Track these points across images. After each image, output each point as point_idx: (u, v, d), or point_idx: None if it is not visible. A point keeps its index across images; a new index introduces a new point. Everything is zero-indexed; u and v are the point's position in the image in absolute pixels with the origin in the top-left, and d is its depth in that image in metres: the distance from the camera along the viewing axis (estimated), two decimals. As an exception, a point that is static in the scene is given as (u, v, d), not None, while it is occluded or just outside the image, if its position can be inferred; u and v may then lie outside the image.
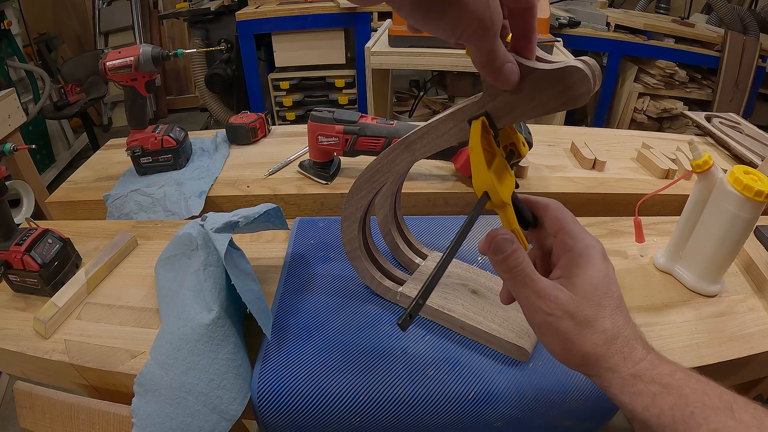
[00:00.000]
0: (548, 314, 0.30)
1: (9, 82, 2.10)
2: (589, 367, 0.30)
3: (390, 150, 0.42)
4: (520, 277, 0.31)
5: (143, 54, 0.76)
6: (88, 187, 0.83)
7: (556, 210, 0.36)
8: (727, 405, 0.27)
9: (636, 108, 2.16)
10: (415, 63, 1.30)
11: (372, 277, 0.53)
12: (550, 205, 0.36)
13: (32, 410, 0.49)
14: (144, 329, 0.51)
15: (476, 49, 0.27)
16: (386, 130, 0.74)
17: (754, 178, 0.48)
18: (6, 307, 0.56)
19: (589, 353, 0.30)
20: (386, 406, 0.44)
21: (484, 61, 0.28)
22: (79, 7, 2.89)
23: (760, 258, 0.60)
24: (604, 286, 0.31)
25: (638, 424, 0.29)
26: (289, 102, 2.23)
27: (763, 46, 2.07)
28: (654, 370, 0.29)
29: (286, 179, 0.82)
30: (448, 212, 0.78)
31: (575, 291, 0.31)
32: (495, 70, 0.29)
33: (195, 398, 0.43)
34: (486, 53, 0.27)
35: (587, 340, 0.30)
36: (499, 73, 0.29)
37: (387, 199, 0.53)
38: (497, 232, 0.32)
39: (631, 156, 0.91)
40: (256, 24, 2.03)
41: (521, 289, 0.32)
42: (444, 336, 0.50)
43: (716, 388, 0.28)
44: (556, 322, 0.30)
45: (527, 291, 0.31)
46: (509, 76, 0.29)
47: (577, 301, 0.30)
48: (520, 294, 0.32)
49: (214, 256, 0.48)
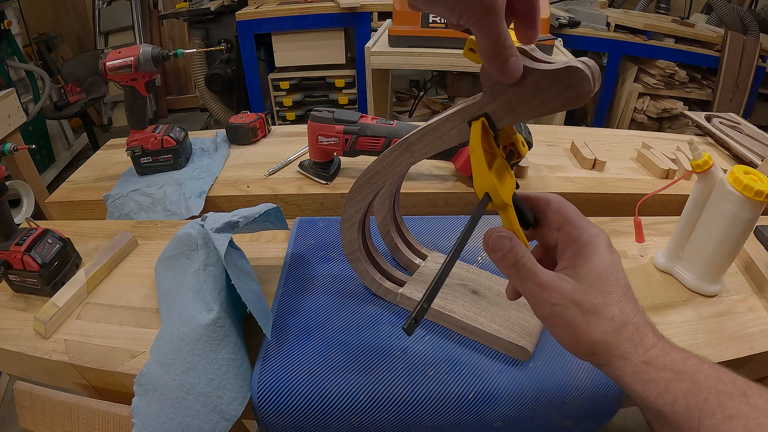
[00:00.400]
0: (554, 304, 0.30)
1: (9, 82, 2.10)
2: (599, 356, 0.30)
3: (389, 152, 0.42)
4: (522, 271, 0.31)
5: (143, 54, 0.76)
6: (88, 187, 0.83)
7: (558, 204, 0.36)
8: (741, 391, 0.26)
9: (636, 108, 2.16)
10: (415, 63, 1.30)
11: (372, 279, 0.53)
12: (552, 199, 0.36)
13: (32, 410, 0.49)
14: (144, 329, 0.51)
15: (480, 32, 0.27)
16: (386, 130, 0.74)
17: (754, 178, 0.48)
18: (6, 307, 0.56)
19: (598, 341, 0.29)
20: (386, 406, 0.44)
21: (490, 51, 0.28)
22: (79, 7, 2.89)
23: (760, 258, 0.60)
24: (610, 274, 0.31)
25: (651, 413, 0.29)
26: (289, 102, 2.23)
27: (763, 46, 2.07)
28: (666, 357, 0.28)
29: (286, 179, 0.82)
30: (448, 212, 0.78)
31: (580, 280, 0.31)
32: (501, 62, 0.28)
33: (195, 398, 0.43)
34: (492, 38, 0.27)
35: (596, 328, 0.29)
36: (505, 66, 0.29)
37: (386, 201, 0.53)
38: (494, 231, 0.32)
39: (631, 156, 0.91)
40: (256, 24, 2.03)
41: (525, 283, 0.31)
42: (444, 336, 0.50)
43: (729, 374, 0.27)
44: (562, 312, 0.30)
45: (530, 284, 0.31)
46: (513, 70, 0.29)
47: (582, 290, 0.30)
48: (525, 288, 0.32)
49: (214, 256, 0.48)
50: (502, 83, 0.32)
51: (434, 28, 1.26)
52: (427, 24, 1.26)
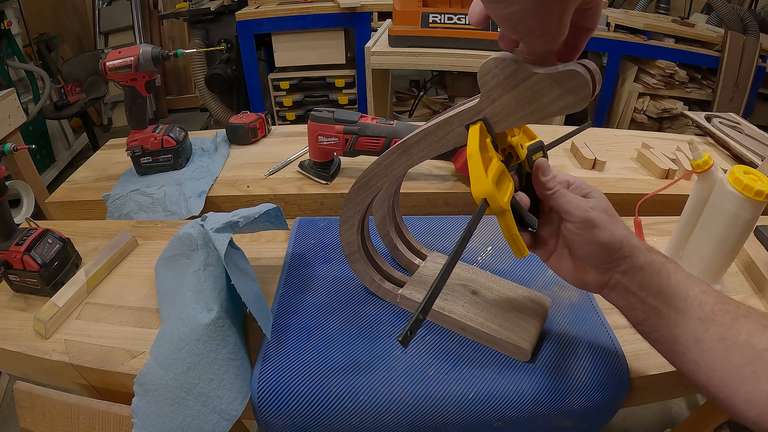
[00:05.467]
0: (590, 209, 0.38)
1: (9, 82, 2.10)
2: (624, 249, 0.38)
3: (387, 154, 0.42)
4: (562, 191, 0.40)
5: (143, 54, 0.76)
6: (88, 187, 0.83)
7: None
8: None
9: (636, 108, 2.15)
10: (415, 63, 1.30)
11: (372, 280, 0.53)
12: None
13: (32, 410, 0.49)
14: (144, 329, 0.51)
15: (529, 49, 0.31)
16: (386, 130, 0.74)
17: (754, 178, 0.48)
18: (6, 307, 0.56)
19: (625, 236, 0.38)
20: (386, 406, 0.44)
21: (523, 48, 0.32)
22: (79, 7, 2.89)
23: (760, 258, 0.60)
24: (608, 206, 0.40)
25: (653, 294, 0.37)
26: (289, 102, 2.22)
27: (763, 46, 2.06)
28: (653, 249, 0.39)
29: (286, 179, 0.82)
30: (448, 212, 0.78)
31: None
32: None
33: (195, 398, 0.43)
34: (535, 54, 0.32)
35: (621, 228, 0.38)
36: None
37: (384, 202, 0.53)
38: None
39: (631, 156, 0.91)
40: (256, 24, 2.03)
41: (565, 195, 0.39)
42: (444, 336, 0.50)
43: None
44: (596, 215, 0.38)
45: (570, 196, 0.39)
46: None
47: (602, 203, 0.40)
48: (560, 203, 0.39)
49: (214, 256, 0.48)
50: (500, 88, 0.32)
51: (434, 28, 1.25)
52: (427, 24, 1.26)
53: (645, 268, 0.38)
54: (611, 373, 0.46)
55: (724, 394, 0.34)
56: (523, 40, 0.31)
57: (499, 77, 0.33)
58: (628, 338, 0.50)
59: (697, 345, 0.35)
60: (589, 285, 0.41)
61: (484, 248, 0.63)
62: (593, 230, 0.38)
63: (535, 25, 0.28)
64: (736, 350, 0.33)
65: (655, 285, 0.37)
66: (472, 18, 0.33)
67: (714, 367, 0.34)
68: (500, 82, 0.33)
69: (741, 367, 0.33)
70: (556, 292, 0.55)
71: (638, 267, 0.38)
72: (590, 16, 0.32)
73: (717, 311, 0.35)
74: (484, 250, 0.62)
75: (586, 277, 0.41)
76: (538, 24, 0.28)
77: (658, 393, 0.50)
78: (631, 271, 0.38)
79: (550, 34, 0.29)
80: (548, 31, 0.29)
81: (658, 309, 0.37)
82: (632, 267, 0.38)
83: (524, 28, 0.29)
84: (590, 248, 0.39)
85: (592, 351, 0.48)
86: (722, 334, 0.34)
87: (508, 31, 0.30)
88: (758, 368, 0.32)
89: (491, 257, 0.61)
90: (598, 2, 0.31)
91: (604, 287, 0.40)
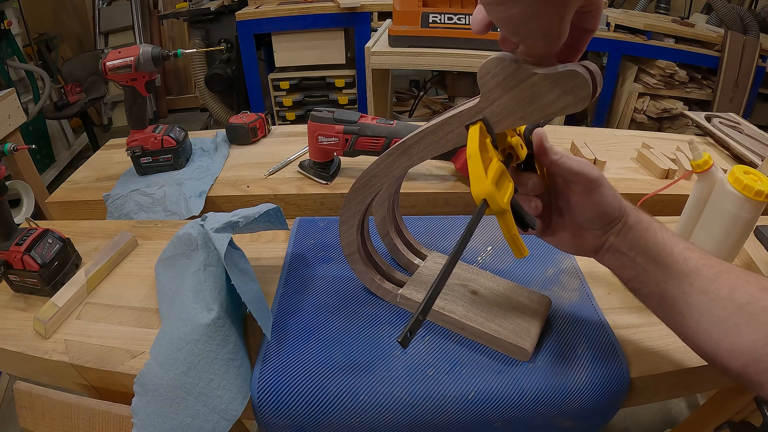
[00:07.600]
0: (600, 176, 0.39)
1: (9, 82, 2.10)
2: (623, 209, 0.40)
3: (387, 155, 0.42)
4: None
5: (143, 54, 0.76)
6: (88, 187, 0.83)
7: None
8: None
9: (636, 108, 2.15)
10: (415, 63, 1.30)
11: (372, 280, 0.53)
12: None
13: (32, 410, 0.49)
14: (144, 329, 0.51)
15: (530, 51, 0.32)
16: (386, 130, 0.74)
17: (754, 178, 0.48)
18: (6, 307, 0.56)
19: (624, 204, 0.41)
20: (386, 406, 0.44)
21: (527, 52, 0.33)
22: (79, 7, 2.89)
23: (760, 258, 0.60)
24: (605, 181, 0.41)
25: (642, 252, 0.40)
26: (289, 102, 2.23)
27: (763, 46, 2.06)
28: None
29: (286, 179, 0.82)
30: (448, 212, 0.78)
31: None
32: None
33: (195, 398, 0.43)
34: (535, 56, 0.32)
35: (619, 198, 0.40)
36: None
37: (384, 202, 0.53)
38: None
39: (631, 156, 0.91)
40: (256, 24, 2.03)
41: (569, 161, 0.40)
42: (444, 336, 0.50)
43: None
44: (603, 181, 0.39)
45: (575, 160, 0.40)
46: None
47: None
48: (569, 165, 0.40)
49: (214, 256, 0.48)
50: (500, 88, 0.32)
51: (434, 28, 1.25)
52: (427, 24, 1.26)
53: (635, 227, 0.40)
54: (611, 373, 0.46)
55: (708, 345, 0.36)
56: (524, 43, 0.31)
57: (499, 77, 0.33)
58: (628, 338, 0.50)
59: (682, 298, 0.37)
60: (587, 250, 0.43)
61: (484, 248, 0.63)
62: (600, 189, 0.39)
63: (536, 27, 0.29)
64: (719, 303, 0.35)
65: (643, 243, 0.39)
66: (475, 26, 0.33)
67: (699, 320, 0.36)
68: (500, 83, 0.33)
69: (724, 319, 0.35)
70: (556, 292, 0.55)
71: (630, 226, 0.40)
72: (591, 17, 0.32)
73: (700, 266, 0.37)
74: (484, 250, 0.62)
75: (584, 243, 0.43)
76: (539, 26, 0.29)
77: (658, 393, 0.50)
78: (624, 231, 0.40)
79: (550, 36, 0.29)
80: (549, 33, 0.29)
81: (645, 266, 0.39)
82: (625, 226, 0.40)
83: (525, 30, 0.29)
84: (595, 210, 0.40)
85: (592, 351, 0.48)
86: (706, 288, 0.36)
87: (509, 33, 0.30)
88: (741, 321, 0.34)
89: (491, 257, 0.61)
90: (598, 4, 0.31)
91: (600, 250, 0.42)
